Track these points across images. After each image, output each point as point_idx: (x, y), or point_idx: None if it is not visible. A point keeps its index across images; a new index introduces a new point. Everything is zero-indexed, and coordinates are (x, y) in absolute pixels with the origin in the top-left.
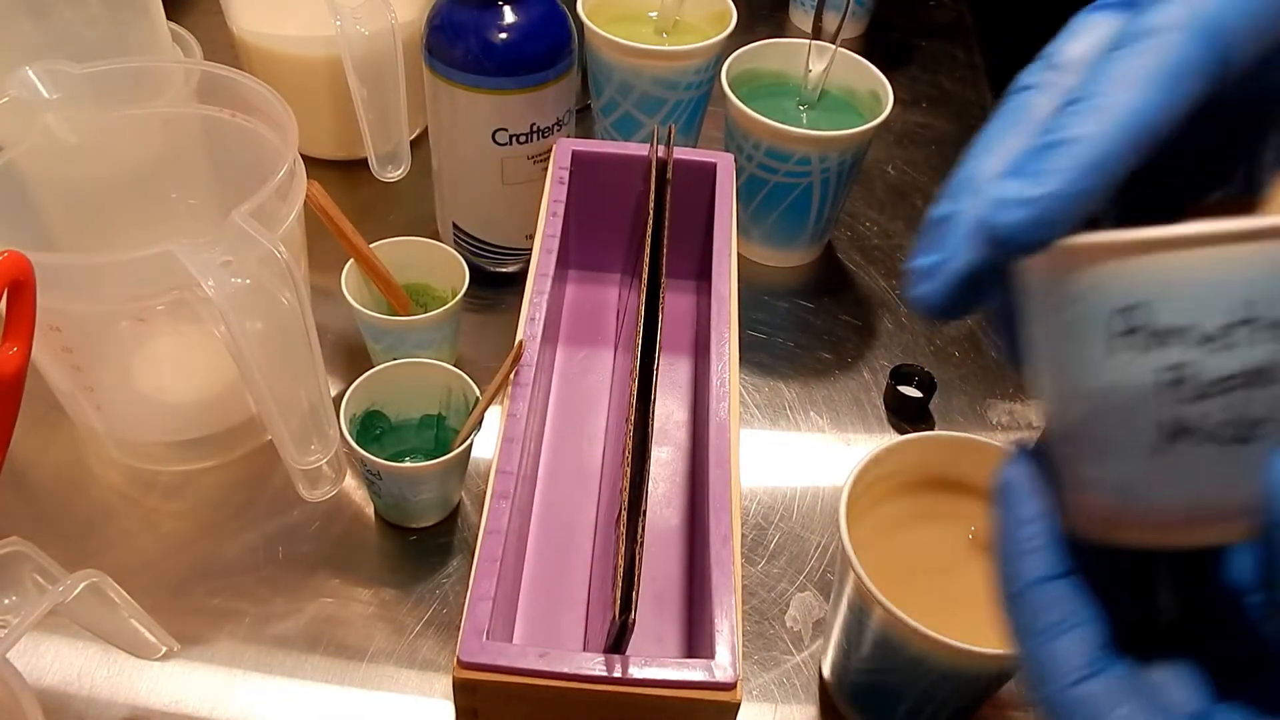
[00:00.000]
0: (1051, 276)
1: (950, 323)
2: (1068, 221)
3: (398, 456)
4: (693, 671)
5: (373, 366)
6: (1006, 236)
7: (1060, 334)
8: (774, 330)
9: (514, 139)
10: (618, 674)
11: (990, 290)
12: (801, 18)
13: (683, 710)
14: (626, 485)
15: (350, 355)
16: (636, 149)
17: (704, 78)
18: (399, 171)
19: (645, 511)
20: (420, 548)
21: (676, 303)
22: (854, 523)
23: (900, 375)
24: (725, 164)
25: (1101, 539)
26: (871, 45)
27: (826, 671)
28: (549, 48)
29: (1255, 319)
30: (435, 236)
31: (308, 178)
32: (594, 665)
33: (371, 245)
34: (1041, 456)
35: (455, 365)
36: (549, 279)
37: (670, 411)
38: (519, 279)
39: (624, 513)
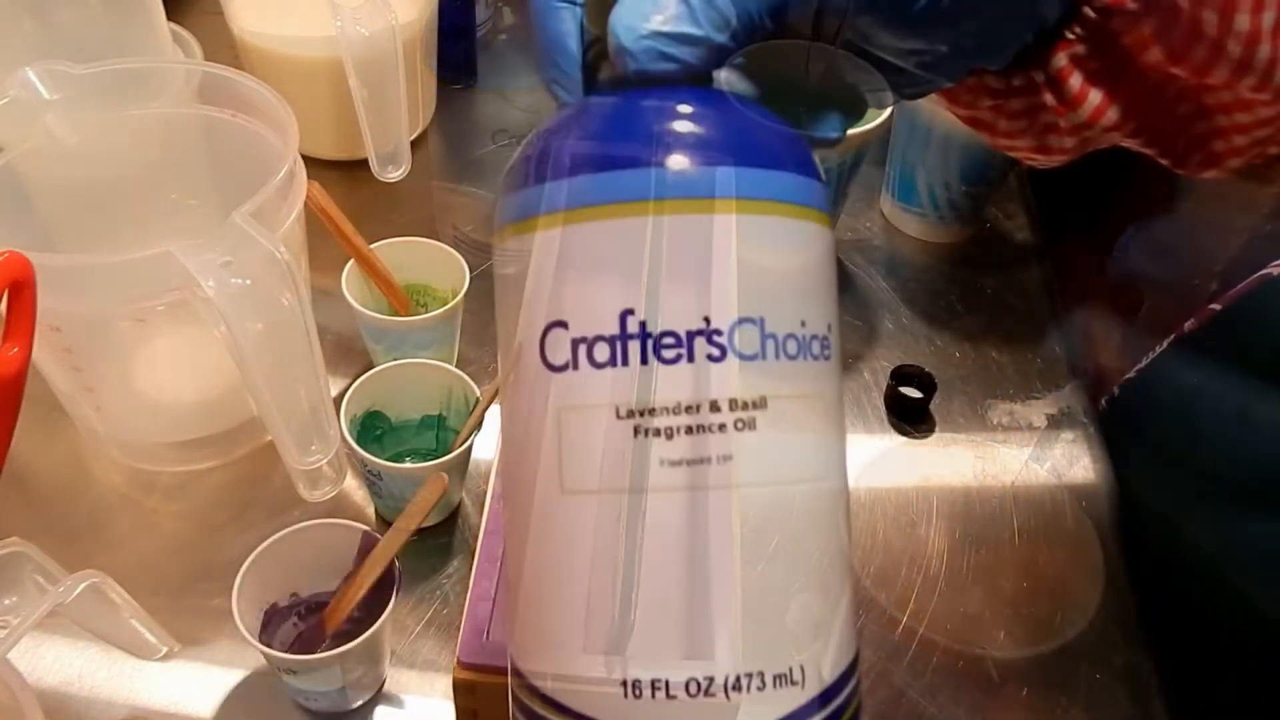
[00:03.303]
0: None
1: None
2: None
3: (398, 457)
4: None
5: (373, 367)
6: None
7: None
8: None
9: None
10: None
11: None
12: None
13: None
14: None
15: (350, 355)
16: None
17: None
18: (399, 172)
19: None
20: (420, 548)
21: None
22: None
23: (901, 376)
24: None
25: None
26: None
27: None
28: None
29: None
30: (435, 236)
31: (308, 178)
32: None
33: (372, 245)
34: None
35: (455, 365)
36: None
37: None
38: None
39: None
